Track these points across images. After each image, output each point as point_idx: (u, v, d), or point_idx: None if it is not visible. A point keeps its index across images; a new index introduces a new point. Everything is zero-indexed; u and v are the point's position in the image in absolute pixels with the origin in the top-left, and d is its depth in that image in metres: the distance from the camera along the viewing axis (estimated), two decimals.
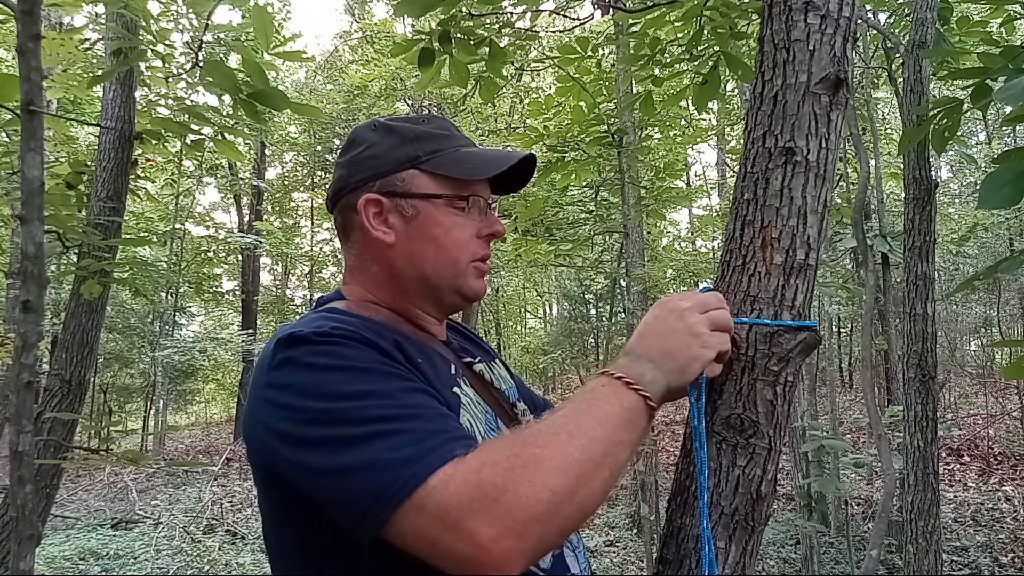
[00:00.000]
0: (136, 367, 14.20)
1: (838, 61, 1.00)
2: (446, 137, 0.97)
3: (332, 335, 0.78)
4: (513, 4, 2.89)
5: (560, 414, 0.74)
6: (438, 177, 0.94)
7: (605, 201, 7.46)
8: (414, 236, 0.93)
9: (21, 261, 1.31)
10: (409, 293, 0.96)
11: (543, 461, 0.67)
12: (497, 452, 0.68)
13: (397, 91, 12.75)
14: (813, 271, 1.01)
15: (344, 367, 0.75)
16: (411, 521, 0.65)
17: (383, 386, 0.74)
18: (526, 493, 0.64)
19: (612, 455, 0.72)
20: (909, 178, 3.03)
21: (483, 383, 1.00)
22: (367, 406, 0.72)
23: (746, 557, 0.98)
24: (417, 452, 0.67)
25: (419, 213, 0.93)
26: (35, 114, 1.26)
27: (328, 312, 0.91)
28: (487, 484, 0.64)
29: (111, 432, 7.51)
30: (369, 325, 0.86)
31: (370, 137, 0.97)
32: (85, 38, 3.70)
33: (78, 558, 6.35)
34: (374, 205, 0.93)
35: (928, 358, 2.94)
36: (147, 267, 10.83)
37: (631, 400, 0.77)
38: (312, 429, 0.72)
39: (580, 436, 0.70)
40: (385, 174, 0.94)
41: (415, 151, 0.94)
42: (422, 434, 0.69)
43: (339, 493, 0.70)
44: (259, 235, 13.51)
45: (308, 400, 0.74)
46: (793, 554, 5.99)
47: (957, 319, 12.59)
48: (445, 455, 0.67)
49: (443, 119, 1.03)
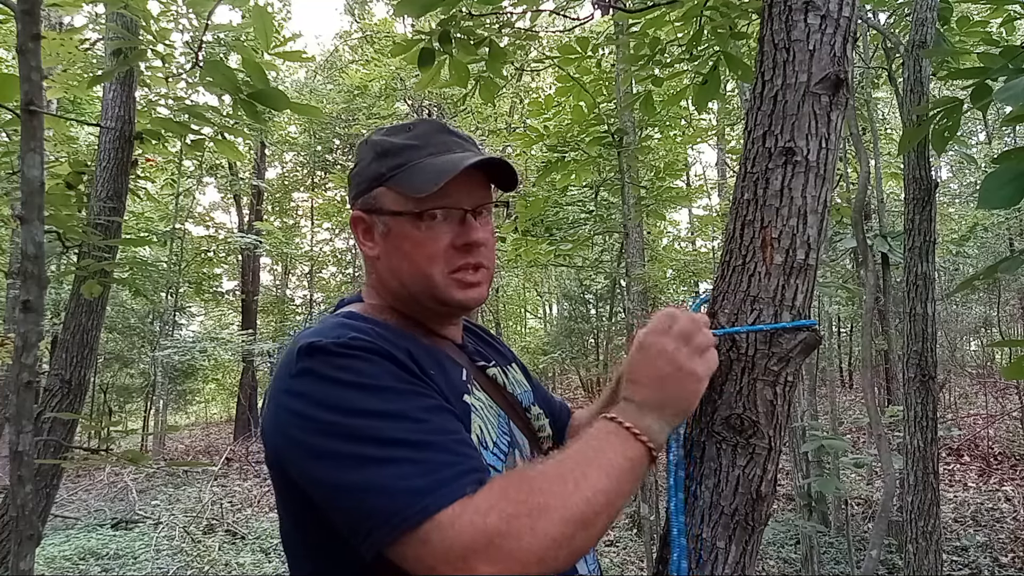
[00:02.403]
0: (136, 367, 14.21)
1: (838, 61, 1.00)
2: (413, 148, 0.94)
3: (351, 347, 0.80)
4: (513, 4, 2.88)
5: (569, 460, 0.76)
6: (398, 193, 0.93)
7: (605, 201, 7.46)
8: (390, 251, 0.95)
9: (21, 261, 1.31)
10: (403, 302, 0.98)
11: (548, 511, 0.70)
12: (505, 497, 0.70)
13: (397, 91, 12.76)
14: (813, 271, 1.01)
15: (361, 384, 0.77)
16: (414, 550, 0.68)
17: (399, 406, 0.76)
18: (528, 540, 0.67)
19: (613, 504, 0.76)
20: (909, 178, 3.02)
21: (496, 387, 1.01)
22: (381, 427, 0.74)
23: (746, 557, 0.98)
24: (429, 484, 0.69)
25: (390, 230, 0.94)
26: (35, 114, 1.26)
27: (346, 317, 0.93)
28: (492, 529, 0.67)
29: (111, 432, 7.51)
30: (384, 332, 0.88)
31: (360, 153, 1.00)
32: (85, 38, 3.70)
33: (78, 558, 6.35)
34: (360, 222, 0.97)
35: (928, 358, 2.94)
36: (147, 267, 10.83)
37: (636, 451, 0.80)
38: (325, 441, 0.74)
39: (586, 487, 0.73)
40: (363, 192, 0.97)
41: (380, 168, 0.95)
42: (434, 464, 0.71)
43: (346, 509, 0.72)
44: (259, 235, 13.51)
45: (323, 412, 0.76)
46: (793, 554, 5.99)
47: (957, 319, 12.59)
48: (456, 492, 0.69)
49: (431, 122, 1.01)
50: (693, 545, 0.99)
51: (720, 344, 1.02)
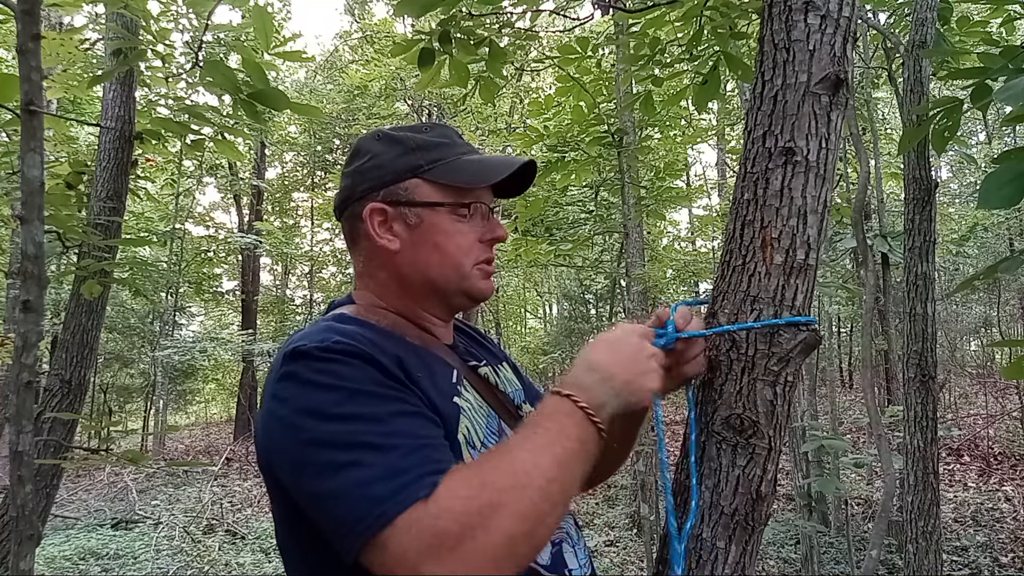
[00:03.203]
0: (136, 367, 14.20)
1: (838, 61, 1.00)
2: (448, 145, 0.99)
3: (333, 351, 0.81)
4: (513, 4, 2.88)
5: (522, 451, 0.76)
6: (440, 185, 0.96)
7: (605, 201, 7.46)
8: (418, 243, 0.96)
9: (21, 261, 1.31)
10: (416, 297, 0.98)
11: (501, 508, 0.69)
12: (458, 497, 0.70)
13: (397, 91, 12.76)
14: (813, 271, 1.01)
15: (338, 387, 0.78)
16: (376, 556, 0.69)
17: (372, 409, 0.77)
18: (482, 540, 0.67)
19: (567, 492, 0.75)
20: (909, 178, 3.02)
21: (487, 386, 1.01)
22: (353, 431, 0.75)
23: (746, 557, 0.98)
24: (388, 490, 0.70)
25: (422, 221, 0.96)
26: (35, 114, 1.26)
27: (336, 319, 0.93)
28: (444, 533, 0.67)
29: (111, 432, 7.51)
30: (374, 334, 0.89)
31: (374, 147, 0.99)
32: (85, 38, 3.70)
33: (78, 558, 6.35)
34: (379, 214, 0.96)
35: (928, 358, 2.94)
36: (147, 267, 10.83)
37: (589, 432, 0.79)
38: (303, 450, 0.76)
39: (538, 476, 0.72)
40: (389, 183, 0.96)
41: (417, 160, 0.97)
42: (395, 469, 0.71)
43: (322, 518, 0.74)
44: (259, 235, 13.51)
45: (302, 418, 0.77)
46: (793, 554, 5.99)
47: (957, 319, 12.60)
48: (412, 496, 0.69)
49: (445, 127, 1.05)
50: (693, 545, 0.99)
51: (720, 344, 1.02)
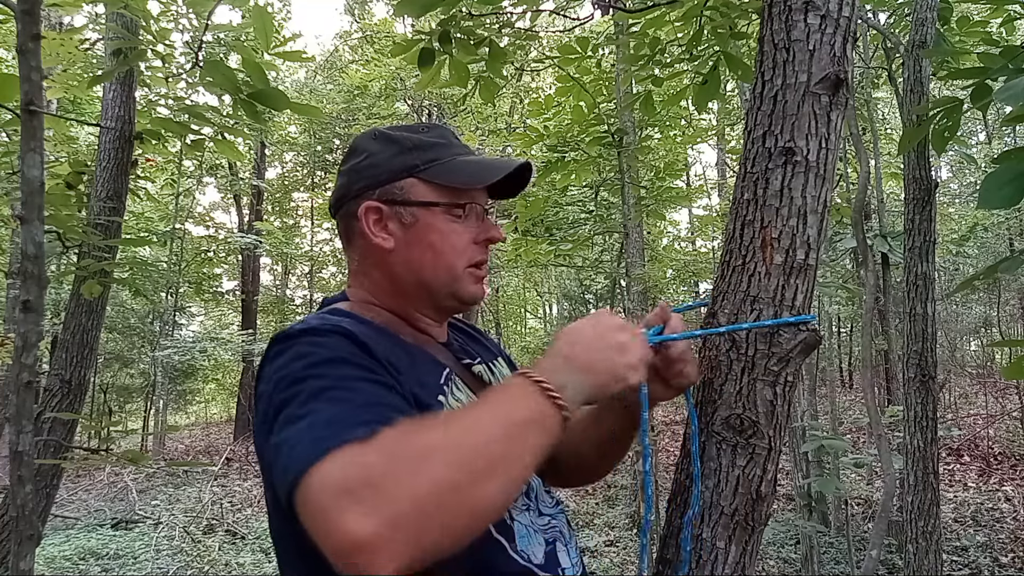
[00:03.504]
0: (136, 367, 14.20)
1: (838, 61, 1.00)
2: (444, 146, 1.00)
3: (316, 330, 0.82)
4: (513, 4, 2.88)
5: (469, 410, 0.76)
6: (436, 185, 0.97)
7: (605, 201, 7.46)
8: (412, 242, 0.96)
9: (21, 261, 1.32)
10: (408, 297, 0.99)
11: (431, 452, 0.65)
12: (389, 440, 0.66)
13: (397, 91, 12.76)
14: (813, 271, 1.01)
15: (311, 354, 0.79)
16: (299, 496, 0.64)
17: (342, 373, 0.77)
18: (407, 482, 0.62)
19: (512, 457, 0.70)
20: (909, 178, 3.03)
21: (482, 384, 1.01)
22: (315, 388, 0.74)
23: (746, 557, 0.98)
24: (327, 433, 0.67)
25: (417, 220, 0.96)
26: (35, 114, 1.26)
27: (328, 312, 0.95)
28: (368, 469, 0.63)
29: (111, 432, 7.50)
30: (367, 329, 0.89)
31: (370, 146, 1.00)
32: (85, 38, 3.70)
33: (78, 558, 6.35)
34: (374, 212, 0.96)
35: (928, 358, 2.94)
36: (147, 267, 10.82)
37: (545, 407, 0.75)
38: (273, 416, 0.75)
39: (478, 433, 0.69)
40: (385, 182, 0.97)
41: (413, 160, 0.97)
42: (341, 418, 0.69)
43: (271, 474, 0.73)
44: (259, 235, 13.50)
45: (276, 386, 0.77)
46: (793, 554, 5.99)
47: (957, 319, 12.60)
48: (346, 436, 0.66)
49: (443, 127, 1.05)
50: (693, 545, 0.99)
51: (720, 344, 1.02)
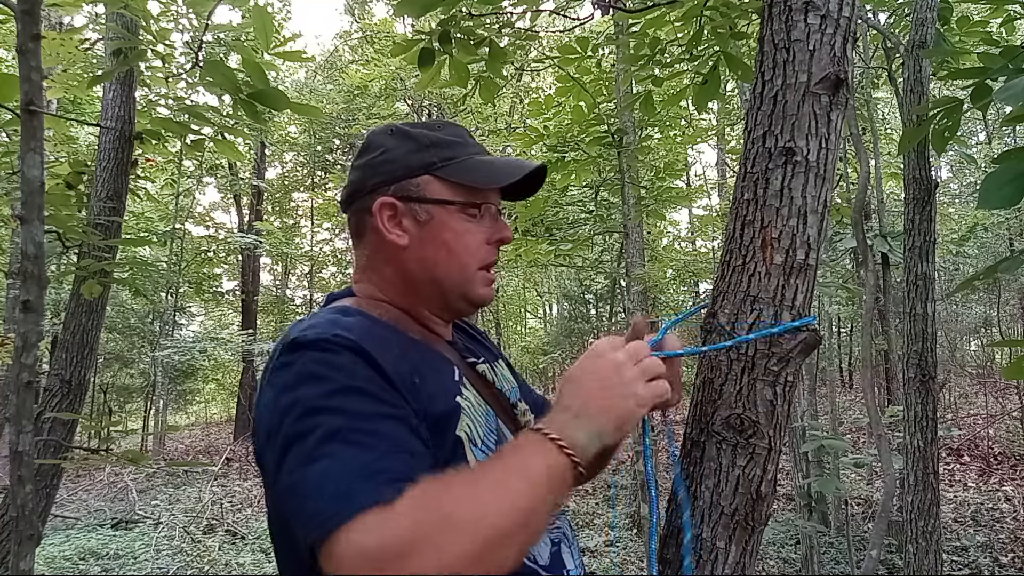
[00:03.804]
0: (136, 367, 14.20)
1: (838, 61, 1.00)
2: (460, 144, 0.99)
3: (332, 343, 0.80)
4: (513, 4, 2.88)
5: (490, 474, 0.75)
6: (452, 184, 0.96)
7: (605, 201, 7.46)
8: (427, 240, 0.95)
9: (21, 261, 1.31)
10: (419, 295, 0.98)
11: (459, 527, 0.67)
12: (417, 509, 0.68)
13: (397, 91, 12.75)
14: (813, 271, 1.01)
15: (330, 379, 0.77)
16: (325, 553, 0.67)
17: (360, 407, 0.76)
18: (430, 556, 0.65)
19: (532, 521, 0.73)
20: (909, 178, 3.03)
21: (485, 384, 1.01)
22: (335, 425, 0.73)
23: (746, 557, 0.98)
24: (352, 489, 0.68)
25: (433, 218, 0.95)
26: (35, 114, 1.26)
27: (339, 311, 0.93)
28: (394, 541, 0.65)
29: (111, 432, 7.49)
30: (377, 327, 0.89)
31: (387, 142, 0.99)
32: (85, 38, 3.70)
33: (78, 558, 6.35)
34: (389, 208, 0.95)
35: (928, 358, 2.94)
36: (147, 267, 10.82)
37: (563, 466, 0.77)
38: (286, 439, 0.75)
39: (501, 500, 0.71)
40: (401, 179, 0.96)
41: (431, 157, 0.96)
42: (366, 470, 0.70)
43: (289, 505, 0.73)
44: (259, 235, 13.51)
45: (291, 408, 0.76)
46: (793, 554, 5.99)
47: (957, 319, 12.60)
48: (371, 498, 0.68)
49: (457, 126, 1.05)
50: (693, 545, 0.99)
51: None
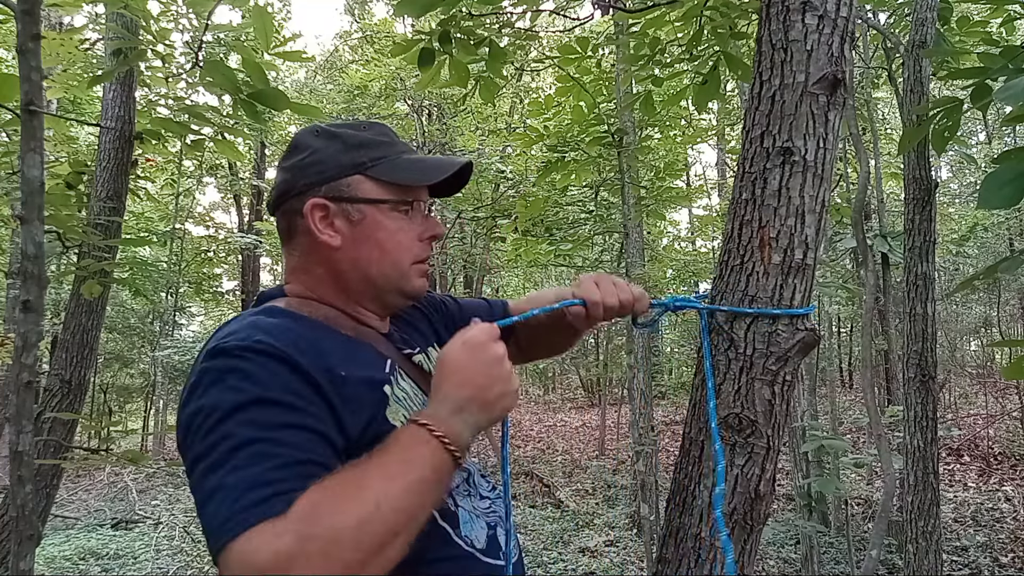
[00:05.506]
0: (136, 367, 14.19)
1: (836, 61, 1.00)
2: (388, 144, 1.01)
3: (252, 350, 0.81)
4: (513, 4, 2.89)
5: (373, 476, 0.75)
6: (383, 183, 0.98)
7: (605, 201, 7.46)
8: (360, 239, 0.97)
9: (21, 261, 1.32)
10: (352, 293, 0.99)
11: (341, 535, 0.69)
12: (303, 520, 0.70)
13: (397, 91, 12.75)
14: (811, 271, 1.01)
15: (244, 389, 0.78)
16: (223, 564, 0.70)
17: (269, 417, 0.77)
18: (318, 566, 0.68)
19: (414, 519, 0.75)
20: (909, 178, 3.03)
21: (422, 373, 1.02)
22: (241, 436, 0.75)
23: (745, 556, 0.98)
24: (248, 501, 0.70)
25: (364, 217, 0.97)
26: (35, 114, 1.26)
27: (265, 314, 0.93)
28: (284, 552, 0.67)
29: (111, 432, 7.51)
30: (303, 327, 0.90)
31: (314, 143, 1.00)
32: (85, 38, 3.70)
33: (78, 558, 6.34)
34: (320, 209, 0.96)
35: (928, 358, 2.94)
36: (147, 267, 10.82)
37: (444, 461, 0.79)
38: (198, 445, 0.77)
39: (386, 507, 0.72)
40: (331, 179, 0.97)
41: (360, 157, 0.98)
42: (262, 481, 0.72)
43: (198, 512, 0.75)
44: (259, 235, 13.51)
45: (205, 414, 0.78)
46: (793, 554, 5.99)
47: (957, 319, 12.59)
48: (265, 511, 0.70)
49: (383, 125, 1.06)
50: (692, 545, 0.99)
51: (718, 343, 1.02)
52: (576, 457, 10.31)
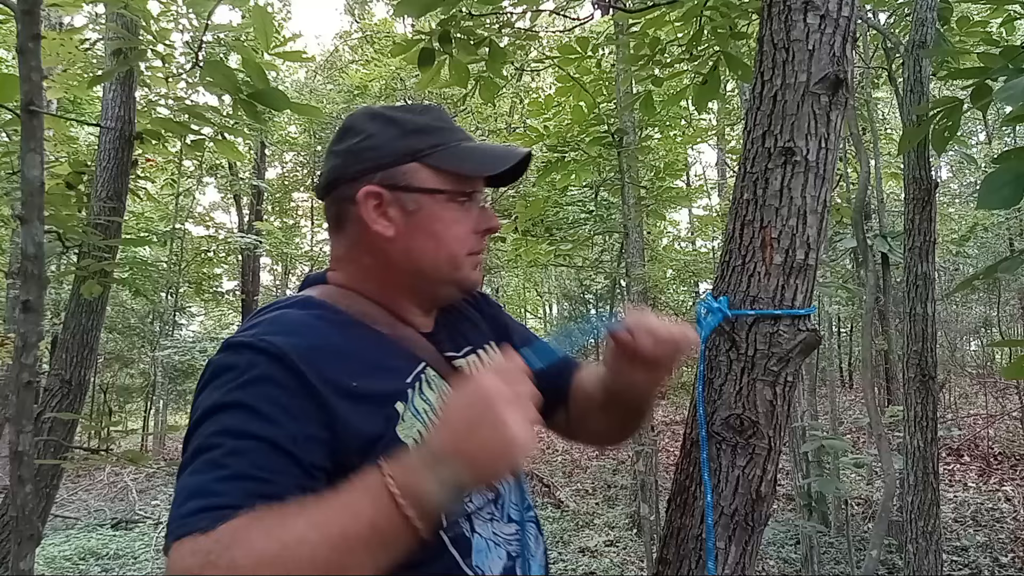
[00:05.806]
0: (136, 367, 14.20)
1: (837, 61, 1.00)
2: (447, 130, 0.95)
3: (252, 347, 0.80)
4: (513, 4, 2.88)
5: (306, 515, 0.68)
6: (441, 172, 0.92)
7: (605, 201, 7.46)
8: (414, 230, 0.91)
9: (21, 261, 1.32)
10: (400, 286, 0.94)
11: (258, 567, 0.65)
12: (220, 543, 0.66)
13: (397, 91, 12.74)
14: (813, 271, 1.01)
15: (227, 391, 0.77)
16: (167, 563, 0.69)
17: (242, 426, 0.75)
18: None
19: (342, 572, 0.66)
20: (909, 178, 3.03)
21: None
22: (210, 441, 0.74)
23: (746, 557, 0.98)
24: (191, 508, 0.69)
25: (420, 208, 0.91)
26: (35, 114, 1.26)
27: (299, 304, 0.91)
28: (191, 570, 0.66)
29: (111, 432, 7.51)
30: (329, 328, 0.87)
31: (368, 127, 0.94)
32: (85, 38, 3.70)
33: (78, 558, 6.34)
34: (374, 197, 0.90)
35: (928, 358, 2.94)
36: (147, 267, 10.81)
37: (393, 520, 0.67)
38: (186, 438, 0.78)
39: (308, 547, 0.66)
40: (386, 166, 0.91)
41: (417, 144, 0.92)
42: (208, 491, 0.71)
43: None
44: (259, 235, 13.51)
45: (195, 409, 0.79)
46: (793, 554, 5.99)
47: (957, 319, 12.59)
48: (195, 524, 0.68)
49: (440, 109, 1.00)
50: (693, 545, 0.99)
51: (719, 344, 1.02)
52: (576, 457, 10.31)
